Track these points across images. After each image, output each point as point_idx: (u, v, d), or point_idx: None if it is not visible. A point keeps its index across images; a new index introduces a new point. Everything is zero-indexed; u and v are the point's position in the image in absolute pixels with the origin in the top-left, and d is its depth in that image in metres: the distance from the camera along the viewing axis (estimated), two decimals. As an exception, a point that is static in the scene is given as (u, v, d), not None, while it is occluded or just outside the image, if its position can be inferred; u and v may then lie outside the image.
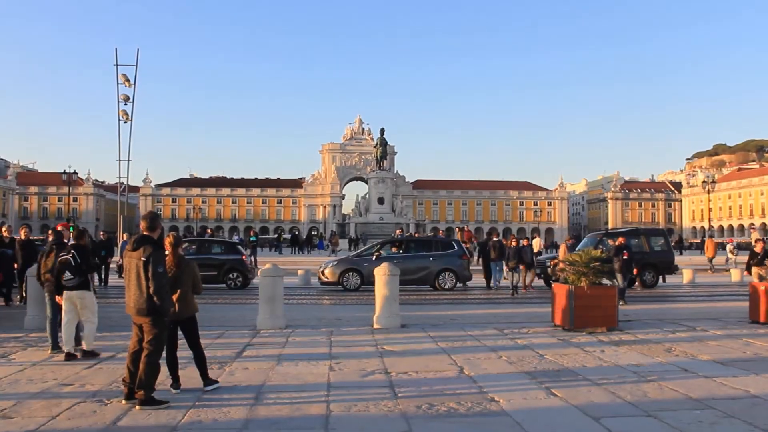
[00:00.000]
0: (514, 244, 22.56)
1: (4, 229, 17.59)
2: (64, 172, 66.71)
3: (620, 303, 16.95)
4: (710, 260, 37.44)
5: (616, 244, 18.99)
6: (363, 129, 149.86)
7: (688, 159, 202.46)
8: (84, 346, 10.10)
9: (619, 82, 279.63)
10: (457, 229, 41.60)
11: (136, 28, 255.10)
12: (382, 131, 72.21)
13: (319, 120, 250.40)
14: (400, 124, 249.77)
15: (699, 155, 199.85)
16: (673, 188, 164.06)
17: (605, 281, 13.63)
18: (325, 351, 10.54)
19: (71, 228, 20.07)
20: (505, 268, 23.59)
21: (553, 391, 7.75)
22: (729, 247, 42.18)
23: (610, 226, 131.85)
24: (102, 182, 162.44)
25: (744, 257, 23.35)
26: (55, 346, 10.39)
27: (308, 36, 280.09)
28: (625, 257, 18.28)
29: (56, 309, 10.33)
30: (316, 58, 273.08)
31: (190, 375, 7.94)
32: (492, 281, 24.54)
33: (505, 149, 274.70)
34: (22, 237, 16.72)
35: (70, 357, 9.79)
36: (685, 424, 6.39)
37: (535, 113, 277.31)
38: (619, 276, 17.79)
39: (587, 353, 10.35)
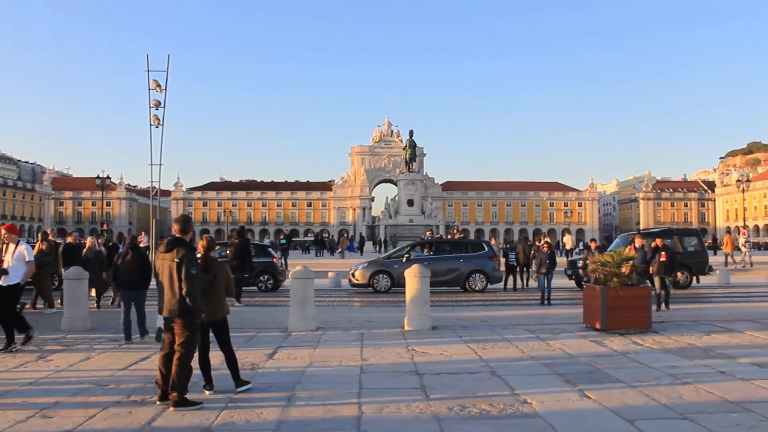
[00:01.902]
0: (546, 248, 20.09)
1: (49, 231, 17.95)
2: (98, 177, 67.66)
3: (662, 308, 16.23)
4: (728, 255, 37.50)
5: (653, 245, 17.45)
6: (392, 131, 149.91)
7: (721, 158, 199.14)
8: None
9: (651, 80, 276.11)
10: (455, 229, 41.44)
11: (167, 34, 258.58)
12: (411, 133, 72.05)
13: (348, 123, 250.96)
14: (429, 125, 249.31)
15: (733, 154, 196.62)
16: (706, 188, 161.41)
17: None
18: (356, 352, 10.56)
19: (103, 233, 20.47)
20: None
21: (586, 393, 7.69)
22: (741, 240, 41.73)
23: (641, 226, 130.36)
24: (134, 186, 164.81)
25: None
26: (127, 338, 11.83)
27: (337, 38, 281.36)
28: (662, 259, 16.84)
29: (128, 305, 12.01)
30: (345, 60, 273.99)
31: (222, 376, 8.01)
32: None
33: (535, 150, 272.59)
34: (69, 241, 17.01)
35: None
36: (723, 428, 6.29)
37: (565, 113, 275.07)
38: (656, 279, 16.66)
39: (620, 355, 10.24)
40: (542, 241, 22.56)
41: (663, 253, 17.02)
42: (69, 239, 17.44)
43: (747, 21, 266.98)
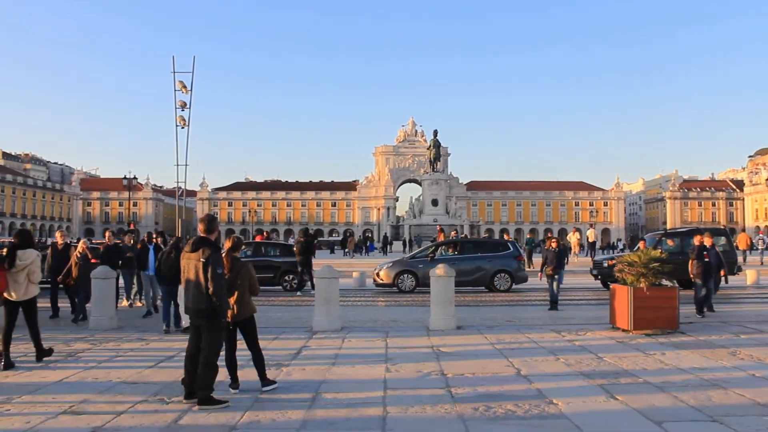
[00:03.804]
0: (554, 245, 17.53)
1: (58, 234, 16.94)
2: (125, 178, 68.67)
3: (699, 315, 15.11)
4: (743, 253, 37.02)
5: (699, 243, 15.75)
6: (416, 131, 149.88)
7: (750, 156, 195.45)
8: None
9: (678, 77, 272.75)
10: (438, 227, 41.05)
11: (192, 33, 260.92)
12: (435, 133, 72.06)
13: (372, 122, 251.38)
14: (453, 125, 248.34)
15: (762, 152, 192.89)
16: (734, 186, 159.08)
17: (665, 282, 13.21)
18: (381, 352, 10.57)
19: (130, 232, 20.38)
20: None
21: (613, 395, 7.61)
22: (756, 238, 41.24)
23: (668, 226, 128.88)
24: (160, 187, 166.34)
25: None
26: (168, 328, 13.07)
27: (361, 37, 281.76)
28: (706, 259, 15.35)
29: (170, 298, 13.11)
30: (369, 60, 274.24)
31: (248, 375, 8.05)
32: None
33: (560, 149, 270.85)
34: (108, 242, 16.58)
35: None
36: (753, 431, 6.20)
37: (590, 111, 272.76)
38: (699, 282, 15.29)
39: (647, 356, 10.12)
40: (550, 238, 19.40)
41: (706, 253, 15.70)
42: (107, 238, 17.00)
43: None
